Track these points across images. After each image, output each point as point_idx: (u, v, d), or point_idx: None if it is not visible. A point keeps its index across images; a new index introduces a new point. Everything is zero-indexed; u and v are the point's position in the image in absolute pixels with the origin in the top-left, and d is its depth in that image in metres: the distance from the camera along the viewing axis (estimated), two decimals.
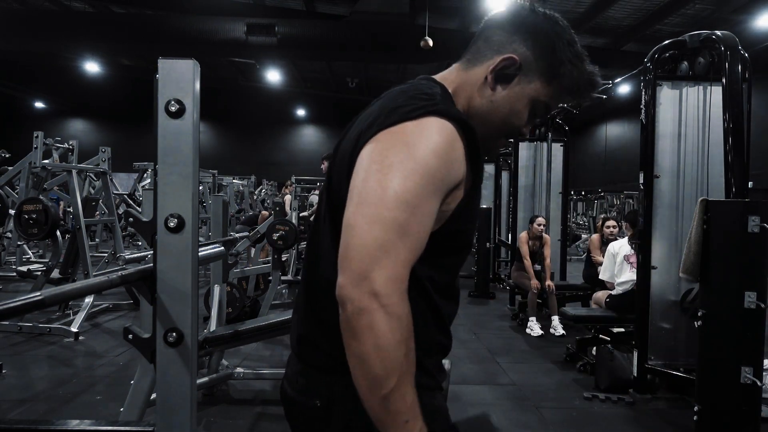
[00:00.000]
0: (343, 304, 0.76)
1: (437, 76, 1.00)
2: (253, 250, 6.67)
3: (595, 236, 5.93)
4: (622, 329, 4.24)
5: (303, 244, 5.75)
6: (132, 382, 1.58)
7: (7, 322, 4.77)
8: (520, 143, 6.99)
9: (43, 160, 5.78)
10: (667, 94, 3.67)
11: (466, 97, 0.97)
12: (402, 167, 0.79)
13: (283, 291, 6.25)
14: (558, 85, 0.95)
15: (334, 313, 0.90)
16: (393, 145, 0.82)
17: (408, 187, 0.78)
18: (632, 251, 4.30)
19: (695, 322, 2.95)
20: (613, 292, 4.39)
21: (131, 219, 1.49)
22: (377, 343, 0.73)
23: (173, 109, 1.24)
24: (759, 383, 2.76)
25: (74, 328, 4.74)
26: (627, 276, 4.32)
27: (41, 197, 5.02)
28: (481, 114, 0.96)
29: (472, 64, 0.98)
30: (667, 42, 3.62)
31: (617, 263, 4.44)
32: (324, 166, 7.05)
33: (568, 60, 0.93)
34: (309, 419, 0.93)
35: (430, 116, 0.84)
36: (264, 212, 8.19)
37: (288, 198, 8.27)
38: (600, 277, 4.75)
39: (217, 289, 3.76)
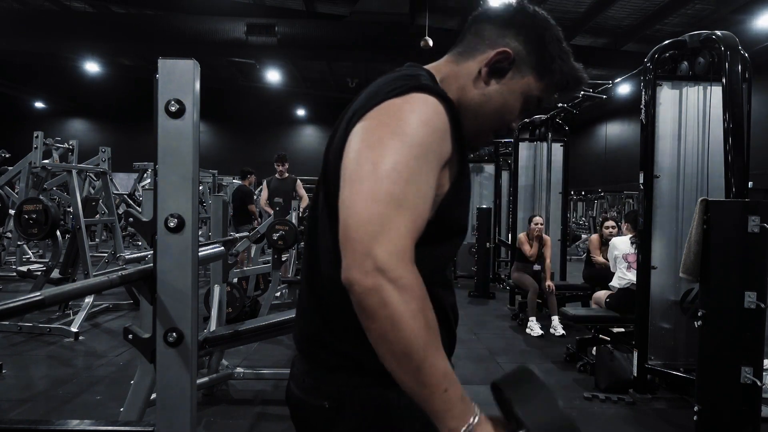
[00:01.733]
0: (351, 287, 0.73)
1: (426, 66, 1.00)
2: (253, 249, 6.66)
3: (595, 236, 5.92)
4: (622, 329, 4.24)
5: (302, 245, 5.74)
6: (132, 382, 1.58)
7: (7, 322, 4.77)
8: (520, 143, 6.99)
9: (43, 160, 5.77)
10: (667, 94, 3.67)
11: (457, 89, 0.97)
12: (392, 140, 0.78)
13: (283, 291, 6.25)
14: (549, 80, 0.96)
15: (339, 310, 0.89)
16: (380, 121, 0.82)
17: (399, 159, 0.77)
18: (632, 251, 4.31)
19: (695, 322, 2.95)
20: (611, 284, 4.42)
21: (131, 219, 1.49)
22: (393, 319, 0.71)
23: (173, 109, 1.24)
24: (759, 383, 2.76)
25: (74, 328, 4.74)
26: (625, 275, 4.32)
27: (41, 197, 5.02)
28: (473, 107, 0.96)
29: (464, 58, 0.98)
30: (667, 42, 3.62)
31: (613, 257, 4.48)
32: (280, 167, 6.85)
33: (558, 56, 0.95)
34: (316, 420, 0.91)
35: (415, 92, 0.84)
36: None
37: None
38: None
39: (217, 289, 3.76)
